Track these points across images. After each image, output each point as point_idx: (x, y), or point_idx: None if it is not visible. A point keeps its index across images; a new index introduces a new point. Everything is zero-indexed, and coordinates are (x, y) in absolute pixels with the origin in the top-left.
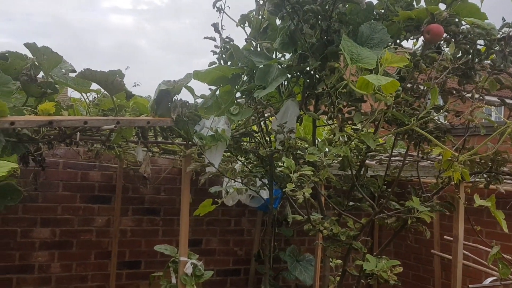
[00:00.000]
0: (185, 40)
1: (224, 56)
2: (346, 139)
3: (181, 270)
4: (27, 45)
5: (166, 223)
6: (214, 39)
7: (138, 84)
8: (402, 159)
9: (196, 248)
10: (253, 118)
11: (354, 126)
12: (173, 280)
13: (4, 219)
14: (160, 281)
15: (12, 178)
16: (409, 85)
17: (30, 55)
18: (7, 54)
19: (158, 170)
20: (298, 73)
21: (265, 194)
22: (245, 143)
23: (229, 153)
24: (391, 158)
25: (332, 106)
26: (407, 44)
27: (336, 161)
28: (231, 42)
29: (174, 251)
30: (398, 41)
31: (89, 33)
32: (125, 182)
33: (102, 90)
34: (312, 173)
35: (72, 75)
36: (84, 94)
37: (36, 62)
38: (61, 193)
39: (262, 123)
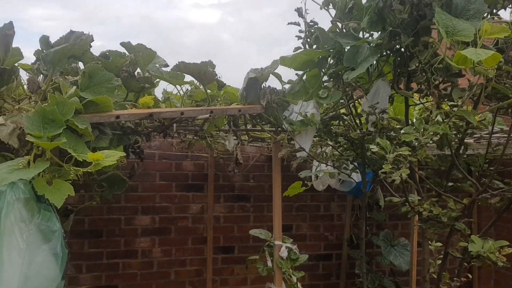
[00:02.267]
0: (267, 30)
1: (309, 40)
2: (444, 117)
3: (276, 254)
4: (123, 44)
5: (256, 209)
6: (298, 24)
7: (219, 76)
8: (503, 135)
9: (287, 233)
10: (341, 100)
11: (451, 103)
12: (269, 264)
13: (109, 208)
14: (257, 265)
15: (115, 169)
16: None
17: (127, 53)
18: (107, 53)
19: (246, 158)
20: (388, 52)
21: (355, 177)
22: (334, 127)
23: (317, 138)
24: (492, 135)
25: (427, 83)
26: (505, 14)
27: (432, 141)
28: (316, 26)
29: (268, 236)
30: (495, 10)
31: (174, 31)
32: (216, 171)
33: (195, 81)
34: (409, 153)
35: (165, 69)
36: (178, 87)
37: (133, 59)
38: (158, 182)
39: (351, 105)
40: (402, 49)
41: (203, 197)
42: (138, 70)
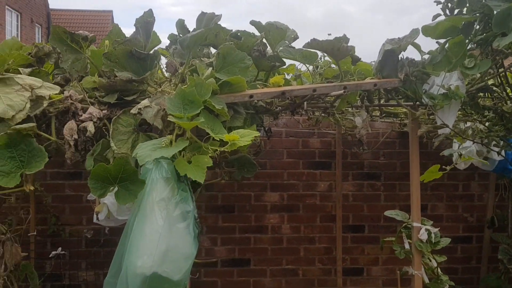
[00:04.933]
0: None
1: (449, 4)
2: None
3: (415, 236)
4: (252, 22)
5: (387, 188)
6: None
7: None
8: None
9: (422, 213)
10: (490, 70)
11: None
12: (406, 246)
13: (240, 185)
14: (393, 247)
15: (246, 149)
16: None
17: (256, 32)
18: (239, 33)
19: (376, 135)
20: None
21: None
22: (481, 100)
23: (460, 112)
24: None
25: None
26: None
27: None
28: None
29: (405, 217)
30: None
31: (298, 6)
32: (344, 148)
33: (326, 58)
34: None
35: (295, 44)
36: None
37: (264, 39)
38: (285, 160)
39: (501, 75)
40: None
41: (331, 175)
42: (268, 48)
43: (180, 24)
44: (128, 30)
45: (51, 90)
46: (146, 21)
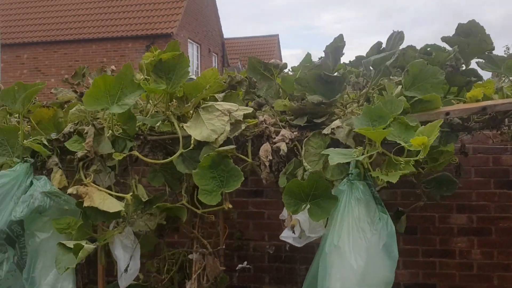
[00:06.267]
0: None
1: None
2: None
3: None
4: (444, 39)
5: None
6: None
7: None
8: None
9: None
10: None
11: None
12: None
13: (422, 206)
14: None
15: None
16: None
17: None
18: (429, 49)
19: None
20: None
21: None
22: None
23: None
24: None
25: None
26: None
27: None
28: None
29: None
30: None
31: (471, 8)
32: None
33: None
34: None
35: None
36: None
37: (457, 53)
38: (473, 179)
39: None
40: None
41: None
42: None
43: (376, 46)
44: (292, 52)
45: (245, 111)
46: (335, 46)
